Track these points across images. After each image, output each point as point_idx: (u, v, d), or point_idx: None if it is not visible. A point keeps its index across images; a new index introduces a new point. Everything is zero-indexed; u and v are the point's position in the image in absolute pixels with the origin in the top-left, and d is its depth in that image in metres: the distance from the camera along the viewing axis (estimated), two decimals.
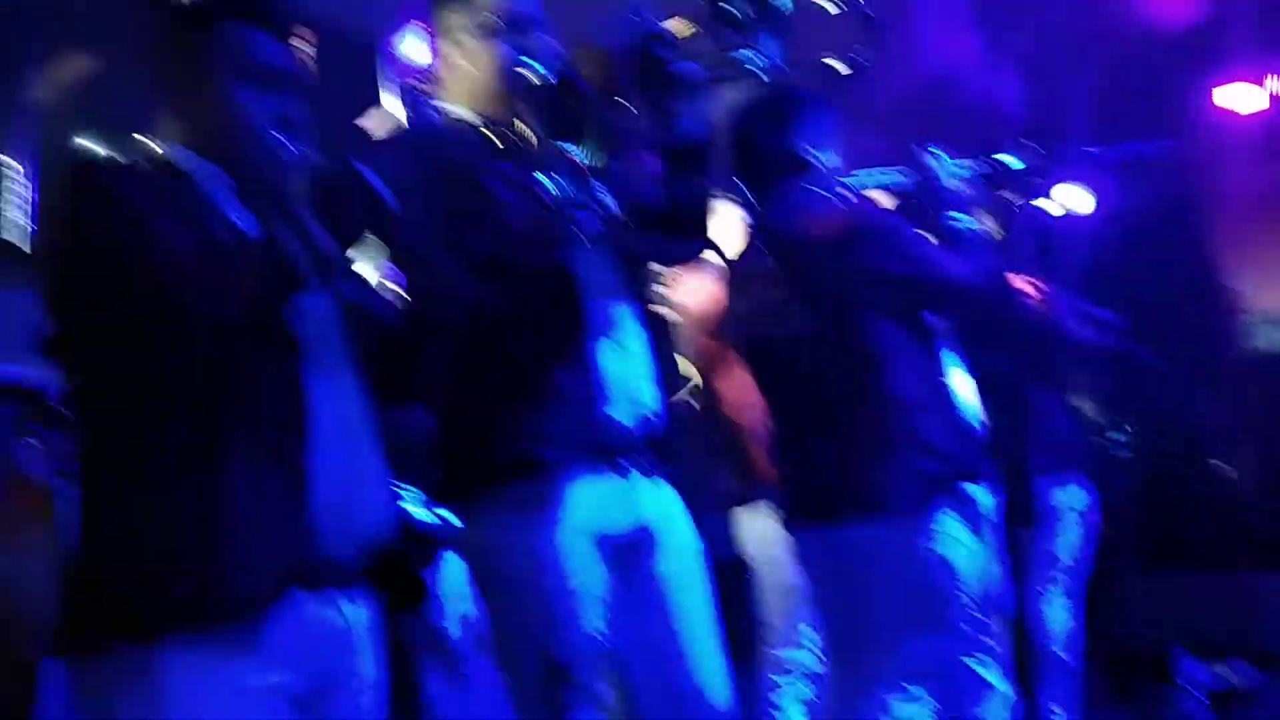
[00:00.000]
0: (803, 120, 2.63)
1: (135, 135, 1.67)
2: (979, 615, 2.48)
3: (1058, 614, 3.65)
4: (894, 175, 2.83)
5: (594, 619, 2.04)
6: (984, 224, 2.80)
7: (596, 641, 2.03)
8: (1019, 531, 3.46)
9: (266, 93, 1.65)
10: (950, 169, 2.70)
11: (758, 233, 2.69)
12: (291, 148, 1.65)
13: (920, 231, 2.62)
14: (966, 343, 2.70)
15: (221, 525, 1.50)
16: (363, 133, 2.01)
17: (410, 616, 1.78)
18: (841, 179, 2.71)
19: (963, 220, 2.61)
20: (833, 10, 1.91)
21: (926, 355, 2.59)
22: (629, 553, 2.11)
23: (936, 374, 2.59)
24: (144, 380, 1.54)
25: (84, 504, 1.57)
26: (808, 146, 2.63)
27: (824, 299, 2.55)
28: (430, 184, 1.90)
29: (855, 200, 2.67)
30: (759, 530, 3.06)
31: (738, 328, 2.76)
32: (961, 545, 2.47)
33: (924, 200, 2.71)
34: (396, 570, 1.70)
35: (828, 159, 2.66)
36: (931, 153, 2.73)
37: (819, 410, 2.59)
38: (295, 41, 1.72)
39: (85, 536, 1.56)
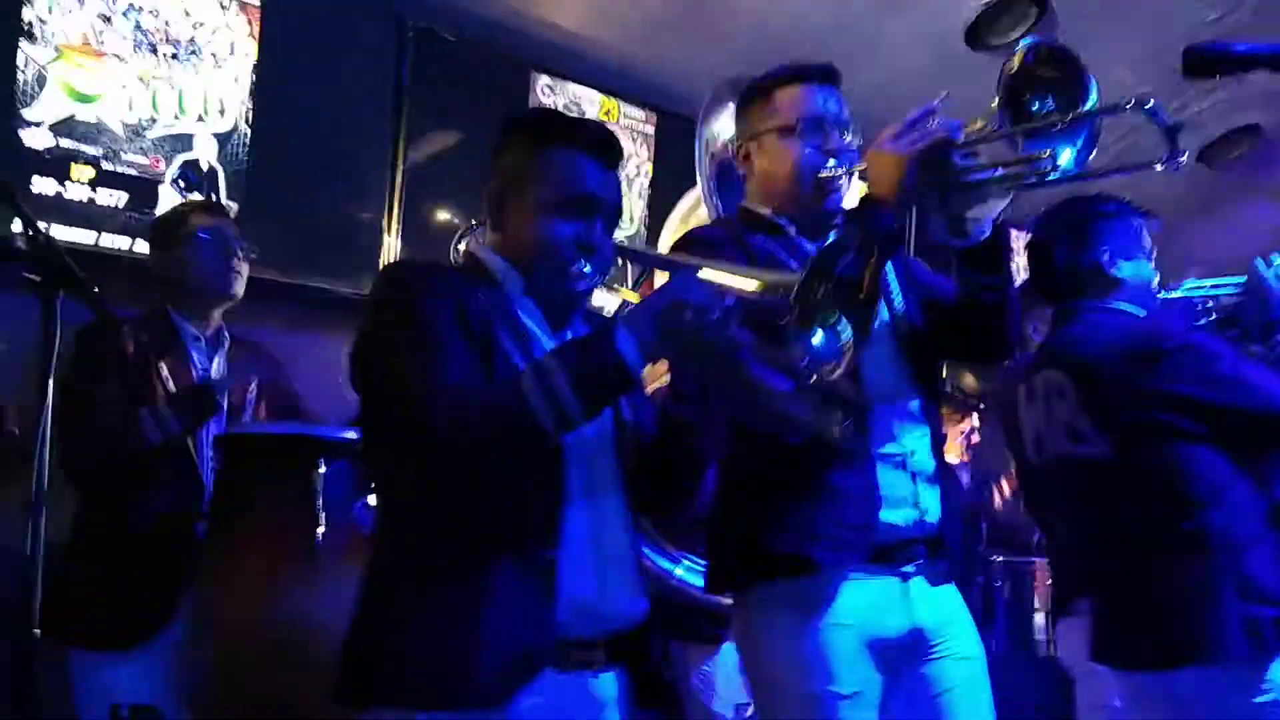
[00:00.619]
0: (1106, 231, 2.50)
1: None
2: None
3: None
4: (1228, 286, 2.61)
5: None
6: None
7: None
8: None
9: (575, 217, 1.76)
10: None
11: (1053, 347, 2.56)
12: (588, 270, 1.77)
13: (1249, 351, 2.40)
14: None
15: (477, 619, 1.61)
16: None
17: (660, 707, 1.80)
18: (1156, 289, 2.54)
19: None
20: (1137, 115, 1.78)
21: (1258, 487, 2.34)
22: (904, 656, 2.05)
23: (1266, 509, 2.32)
24: (424, 474, 1.68)
25: (372, 579, 1.72)
26: (1112, 259, 2.50)
27: (1118, 422, 2.38)
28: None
29: (1159, 316, 2.48)
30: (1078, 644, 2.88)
31: (1022, 440, 2.61)
32: None
33: (1254, 315, 2.48)
34: (643, 664, 1.78)
35: (1135, 270, 2.51)
36: (1269, 262, 2.50)
37: (1121, 540, 2.41)
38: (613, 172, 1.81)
39: (369, 607, 1.71)
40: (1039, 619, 4.00)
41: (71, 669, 2.60)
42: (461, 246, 2.17)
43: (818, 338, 1.68)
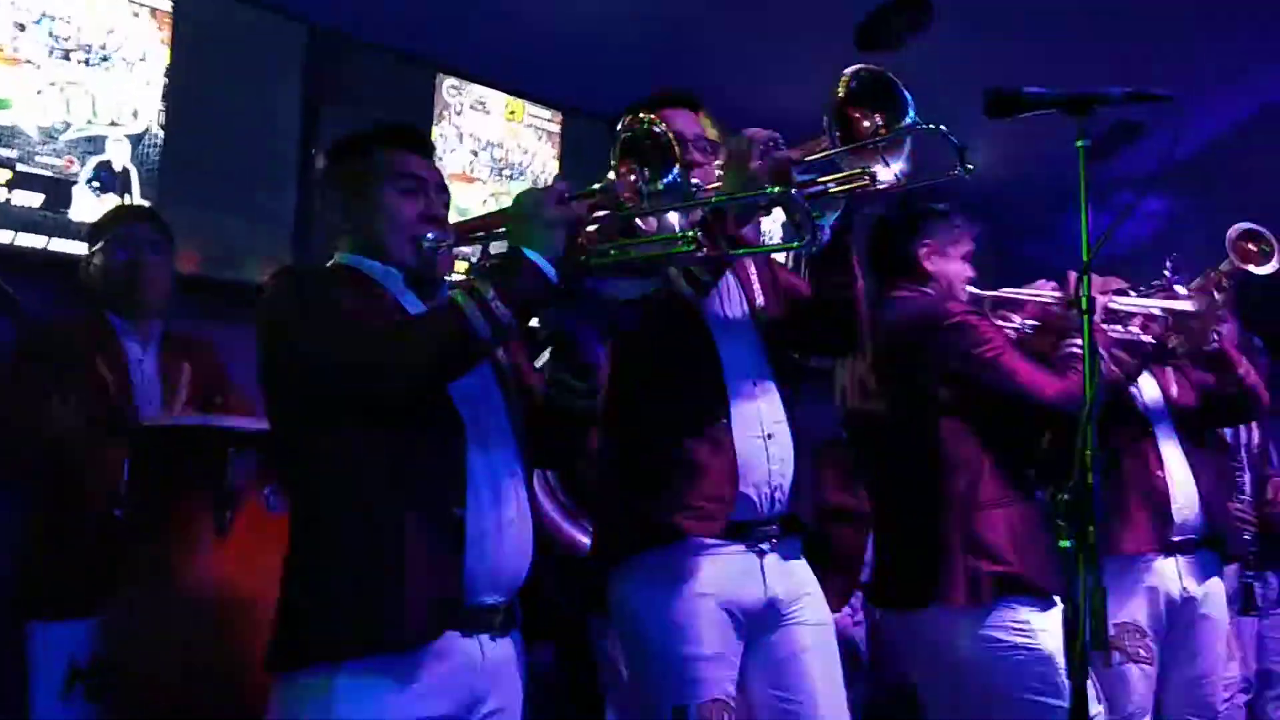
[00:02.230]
0: (930, 228, 2.81)
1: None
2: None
3: None
4: (1046, 295, 2.89)
5: (724, 682, 2.19)
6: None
7: (726, 704, 2.18)
8: None
9: (413, 195, 2.01)
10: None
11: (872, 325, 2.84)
12: (434, 236, 1.99)
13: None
14: None
15: (393, 572, 1.81)
16: None
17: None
18: (964, 286, 2.83)
19: (1078, 346, 2.65)
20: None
21: (1004, 461, 2.65)
22: (759, 624, 2.26)
23: (1006, 479, 2.64)
24: (330, 444, 1.87)
25: (292, 548, 1.91)
26: (929, 253, 2.80)
27: (894, 384, 2.69)
28: None
29: (949, 299, 2.76)
30: None
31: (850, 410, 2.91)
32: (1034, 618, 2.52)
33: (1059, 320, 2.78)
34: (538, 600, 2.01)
35: (946, 267, 2.81)
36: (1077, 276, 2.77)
37: (891, 497, 2.75)
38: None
39: (289, 581, 1.90)
40: None
41: (28, 639, 2.78)
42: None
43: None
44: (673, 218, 1.95)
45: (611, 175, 1.94)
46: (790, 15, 4.48)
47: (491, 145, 4.40)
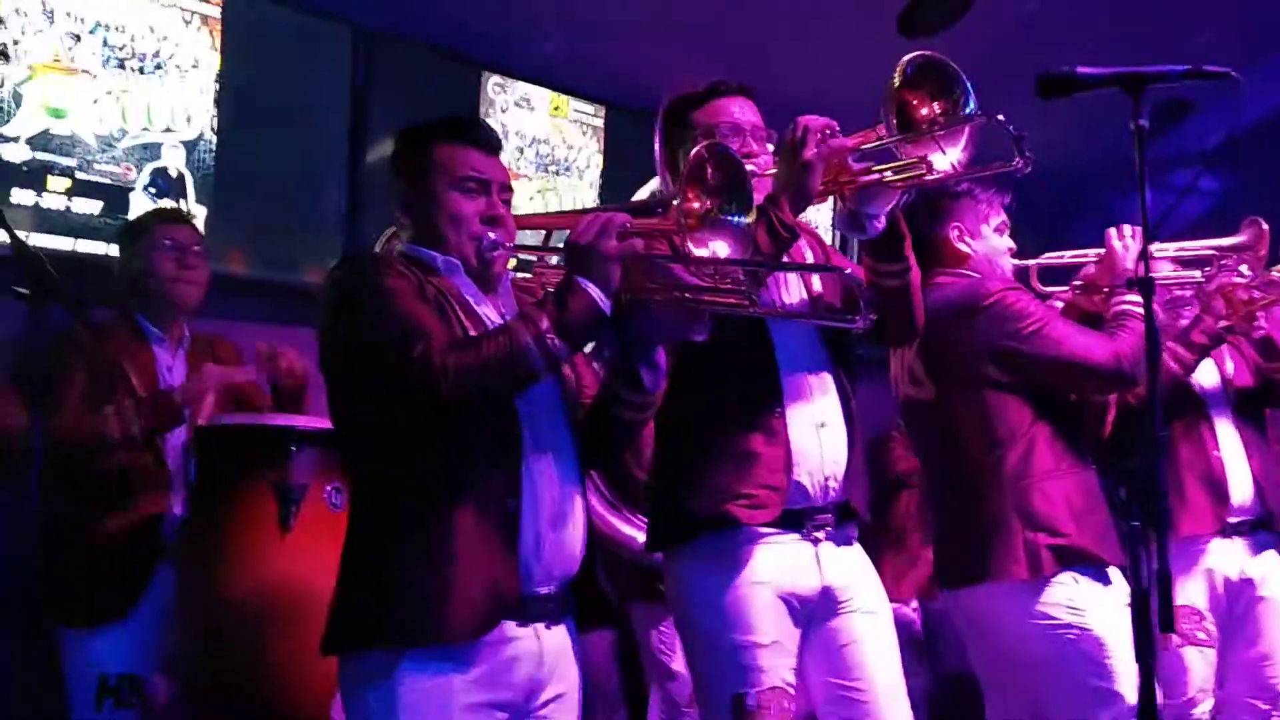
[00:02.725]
0: (956, 209, 2.80)
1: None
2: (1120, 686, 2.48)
3: None
4: (1088, 256, 2.88)
5: (782, 670, 2.20)
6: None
7: (785, 691, 2.19)
8: None
9: (474, 194, 2.02)
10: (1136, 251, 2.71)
11: None
12: (495, 237, 2.01)
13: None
14: None
15: (449, 565, 1.85)
16: None
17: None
18: (1007, 258, 2.83)
19: (1127, 304, 2.63)
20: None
21: (1059, 431, 2.64)
22: (815, 612, 2.27)
23: (1061, 449, 2.63)
24: (386, 435, 1.91)
25: (351, 537, 1.97)
26: (960, 235, 2.80)
27: (942, 369, 2.69)
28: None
29: (988, 278, 2.75)
30: None
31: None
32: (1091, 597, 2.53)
33: (1106, 281, 2.76)
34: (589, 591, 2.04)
35: (982, 244, 2.80)
36: (1121, 233, 2.76)
37: (946, 479, 2.75)
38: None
39: (349, 569, 1.95)
40: None
41: (62, 646, 2.82)
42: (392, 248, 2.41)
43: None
44: (726, 250, 1.94)
45: (676, 201, 1.92)
46: (833, 3, 4.46)
47: (537, 141, 4.43)
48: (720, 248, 1.93)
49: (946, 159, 2.12)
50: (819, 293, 2.39)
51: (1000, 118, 2.01)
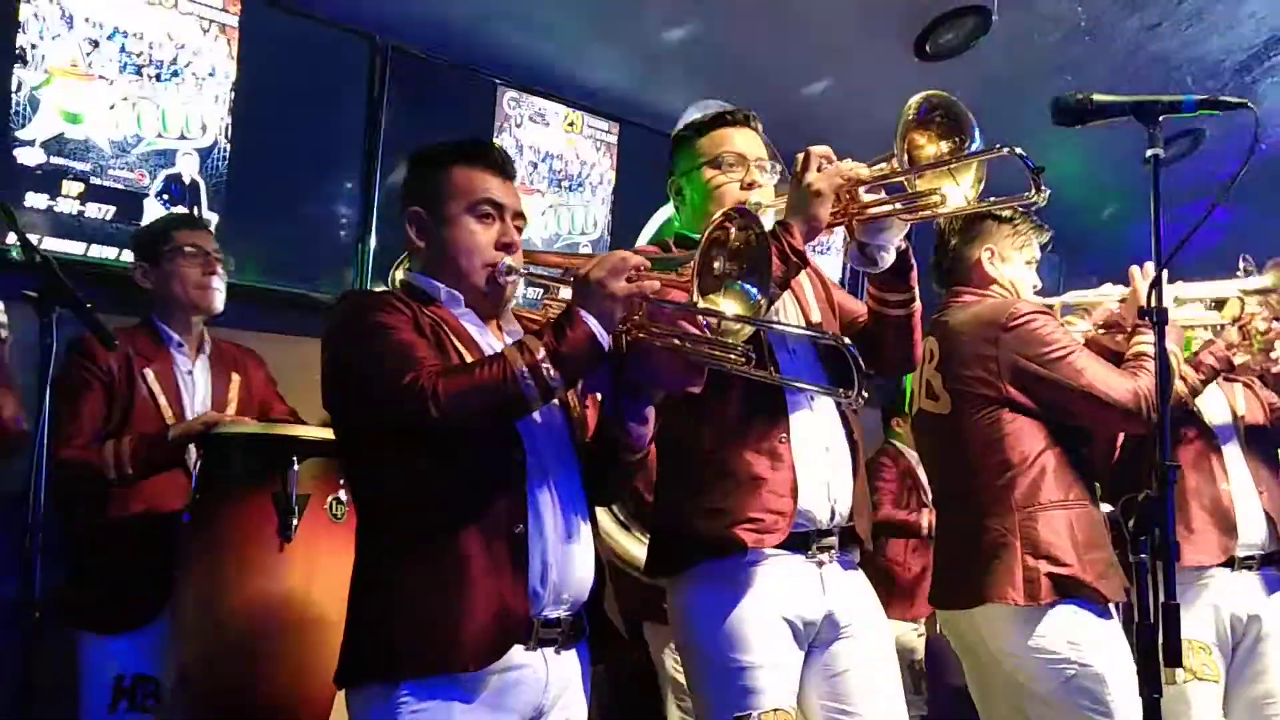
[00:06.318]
0: (992, 233, 2.81)
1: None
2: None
3: None
4: (1113, 296, 2.87)
5: (783, 692, 2.20)
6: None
7: (787, 714, 2.19)
8: None
9: (488, 219, 2.02)
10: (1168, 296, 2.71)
11: (936, 318, 2.84)
12: (509, 262, 2.01)
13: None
14: None
15: (458, 591, 1.84)
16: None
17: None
18: (1031, 292, 2.84)
19: (1147, 344, 2.62)
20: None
21: (1071, 460, 2.63)
22: (818, 636, 2.27)
23: (1070, 480, 2.63)
24: (391, 464, 1.91)
25: (359, 567, 1.96)
26: (991, 258, 2.81)
27: (959, 384, 2.68)
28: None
29: (1016, 302, 2.75)
30: None
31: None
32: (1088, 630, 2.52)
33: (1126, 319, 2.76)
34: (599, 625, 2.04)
35: (1012, 272, 2.81)
36: (1144, 270, 2.76)
37: (954, 497, 2.75)
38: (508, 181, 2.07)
39: (357, 596, 1.94)
40: None
41: (79, 650, 2.82)
42: (397, 275, 2.42)
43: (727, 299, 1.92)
44: (735, 309, 1.92)
45: (694, 262, 1.89)
46: (849, 27, 4.47)
47: (551, 157, 4.43)
48: (728, 309, 1.92)
49: (960, 192, 2.12)
50: (818, 323, 2.40)
51: (1018, 151, 1.99)
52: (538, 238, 4.34)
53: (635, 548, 3.32)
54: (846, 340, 1.87)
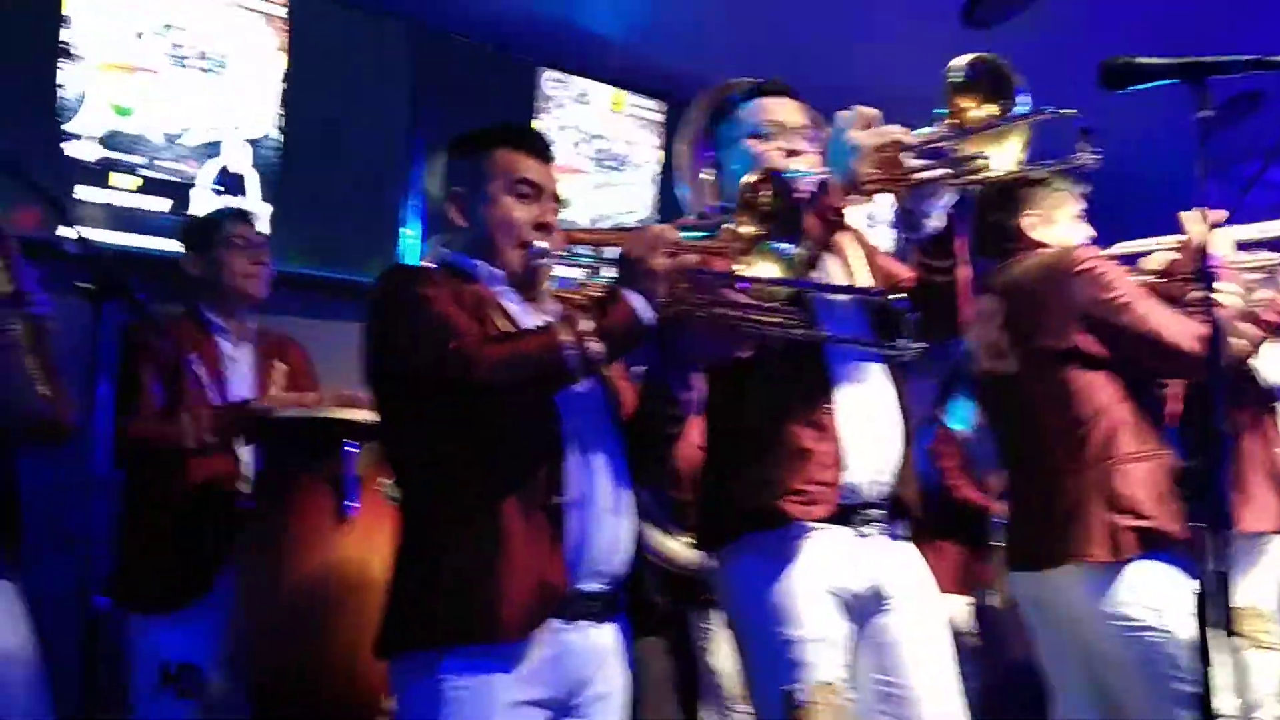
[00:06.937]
0: (1030, 197, 2.77)
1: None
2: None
3: None
4: (1167, 243, 2.82)
5: (833, 665, 2.18)
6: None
7: (836, 686, 2.16)
8: None
9: (526, 200, 2.04)
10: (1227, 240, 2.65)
11: (991, 276, 2.80)
12: (545, 245, 2.03)
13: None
14: None
15: (496, 562, 1.86)
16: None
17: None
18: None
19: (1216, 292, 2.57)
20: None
21: (1145, 411, 2.59)
22: (865, 608, 2.25)
23: (1146, 431, 2.58)
24: (430, 437, 1.94)
25: (401, 545, 1.98)
26: (1032, 223, 2.77)
27: (1028, 341, 2.64)
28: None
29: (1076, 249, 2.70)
30: None
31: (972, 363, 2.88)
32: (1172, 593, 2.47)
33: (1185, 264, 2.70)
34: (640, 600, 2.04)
35: (1057, 233, 2.76)
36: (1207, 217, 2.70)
37: (1025, 457, 2.70)
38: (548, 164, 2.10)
39: (400, 568, 1.97)
40: None
41: (128, 634, 2.89)
42: (431, 253, 2.45)
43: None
44: (775, 273, 1.93)
45: (728, 225, 1.91)
46: None
47: (594, 137, 4.44)
48: (767, 272, 1.92)
49: (1006, 156, 2.08)
50: (863, 285, 2.38)
51: (1066, 112, 1.96)
52: (583, 217, 4.34)
53: (669, 541, 3.33)
54: (892, 292, 1.86)
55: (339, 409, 2.93)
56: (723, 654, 3.18)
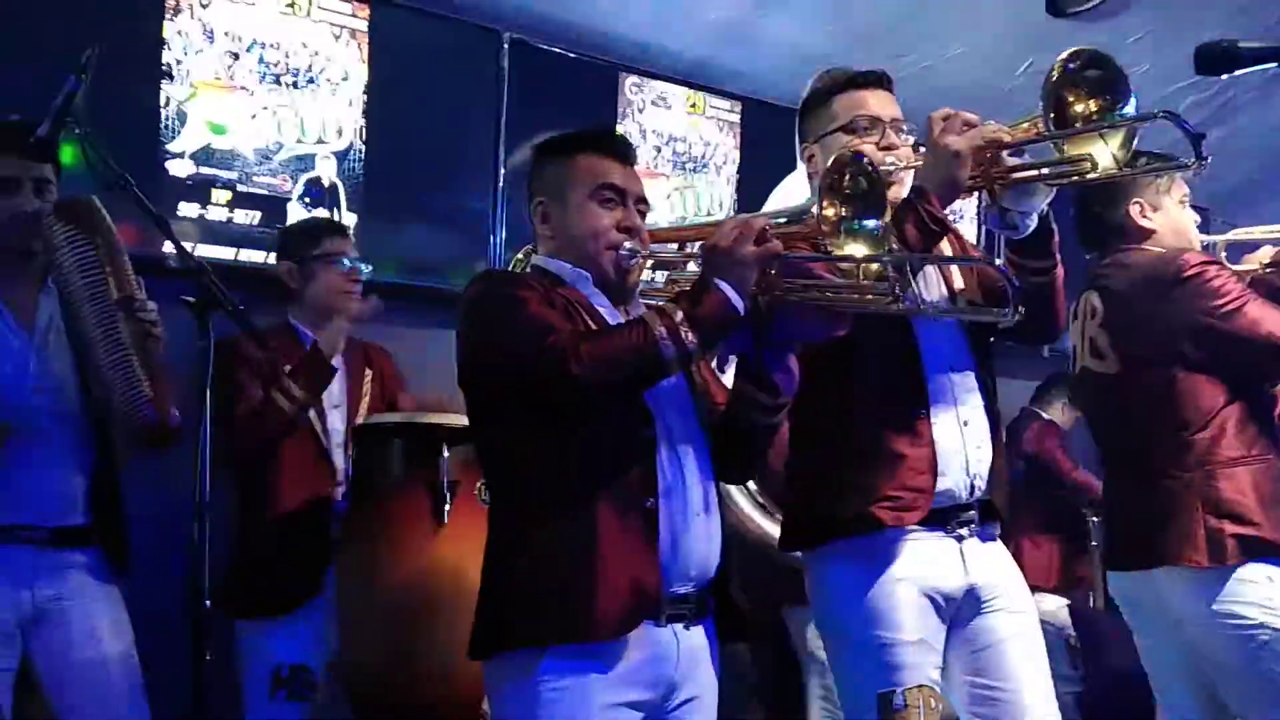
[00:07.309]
0: (1133, 185, 2.69)
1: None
2: None
3: None
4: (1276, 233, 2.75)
5: (928, 668, 2.17)
6: None
7: (933, 690, 2.16)
8: None
9: (611, 204, 2.06)
10: None
11: (1095, 273, 2.76)
12: (632, 247, 2.05)
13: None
14: None
15: (591, 563, 1.87)
16: None
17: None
18: (1194, 231, 2.74)
19: None
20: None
21: (1250, 415, 2.53)
22: (960, 610, 2.24)
23: (1252, 434, 2.53)
24: (523, 440, 1.96)
25: (493, 545, 2.01)
26: (1142, 210, 2.71)
27: (1130, 343, 2.61)
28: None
29: (1183, 254, 2.64)
30: None
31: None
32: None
33: None
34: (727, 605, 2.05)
35: (1165, 219, 2.71)
36: None
37: (1124, 459, 2.67)
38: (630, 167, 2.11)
39: (492, 569, 1.99)
40: None
41: (237, 638, 2.96)
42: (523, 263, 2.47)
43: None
44: (865, 251, 1.92)
45: (814, 209, 1.92)
46: None
47: (674, 140, 4.45)
48: (857, 252, 1.92)
49: (1110, 156, 2.03)
50: (960, 289, 2.35)
51: (1175, 114, 1.91)
52: (664, 220, 4.37)
53: (775, 530, 3.31)
54: (994, 261, 1.84)
55: (433, 414, 2.99)
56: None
